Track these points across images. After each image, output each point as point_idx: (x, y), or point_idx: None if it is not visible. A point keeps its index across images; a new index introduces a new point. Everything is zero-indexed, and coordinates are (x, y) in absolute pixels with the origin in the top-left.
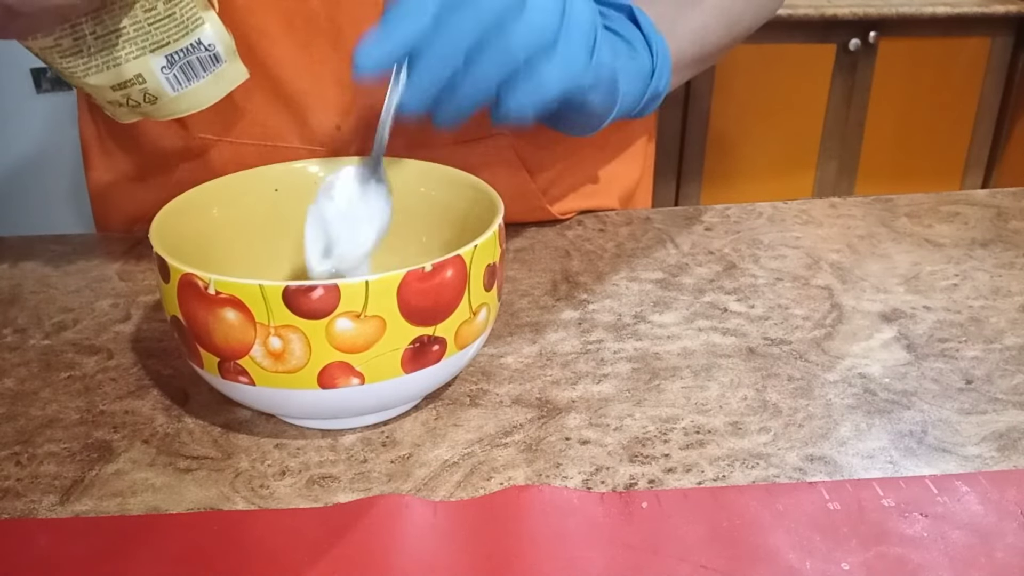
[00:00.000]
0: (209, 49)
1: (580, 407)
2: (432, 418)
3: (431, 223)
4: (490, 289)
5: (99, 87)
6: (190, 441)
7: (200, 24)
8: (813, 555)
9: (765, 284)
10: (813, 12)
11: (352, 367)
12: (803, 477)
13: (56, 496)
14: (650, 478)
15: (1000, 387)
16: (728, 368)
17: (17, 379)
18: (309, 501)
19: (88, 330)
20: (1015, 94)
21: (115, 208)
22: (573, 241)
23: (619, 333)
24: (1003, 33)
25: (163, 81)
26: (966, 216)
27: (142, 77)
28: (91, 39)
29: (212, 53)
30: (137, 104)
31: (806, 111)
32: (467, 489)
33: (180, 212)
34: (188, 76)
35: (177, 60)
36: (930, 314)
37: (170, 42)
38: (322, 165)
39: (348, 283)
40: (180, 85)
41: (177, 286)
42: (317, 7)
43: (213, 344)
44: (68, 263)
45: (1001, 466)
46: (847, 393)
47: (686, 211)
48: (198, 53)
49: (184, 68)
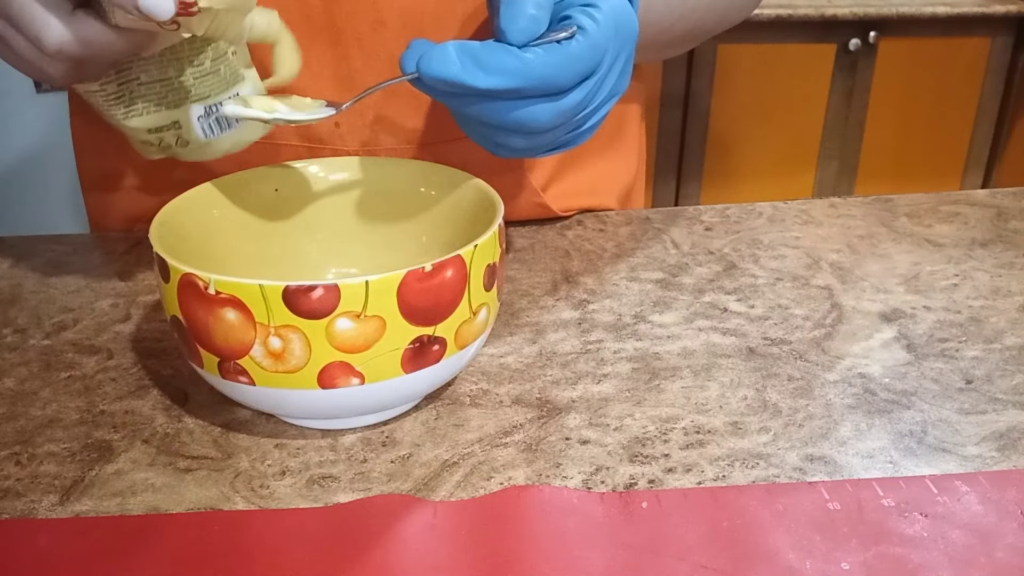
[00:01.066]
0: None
1: (580, 407)
2: (432, 418)
3: (431, 223)
4: (490, 289)
5: (137, 129)
6: (190, 441)
7: (240, 80)
8: (813, 555)
9: (765, 284)
10: (813, 12)
11: (352, 367)
12: (803, 477)
13: (56, 496)
14: (650, 478)
15: (1000, 387)
16: (728, 368)
17: (17, 379)
18: (309, 501)
19: (88, 330)
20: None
21: (112, 208)
22: (573, 241)
23: (619, 333)
24: (1003, 33)
25: (197, 128)
26: (966, 216)
27: (179, 124)
28: (135, 85)
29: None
30: (169, 147)
31: (806, 111)
32: (467, 489)
33: (180, 212)
34: (222, 126)
35: (214, 111)
36: (930, 314)
37: (211, 95)
38: (322, 165)
39: (348, 283)
40: (212, 133)
41: (177, 286)
42: (316, 6)
43: (213, 344)
44: (68, 263)
45: (1001, 466)
46: (847, 393)
47: (686, 211)
48: None
49: (219, 119)
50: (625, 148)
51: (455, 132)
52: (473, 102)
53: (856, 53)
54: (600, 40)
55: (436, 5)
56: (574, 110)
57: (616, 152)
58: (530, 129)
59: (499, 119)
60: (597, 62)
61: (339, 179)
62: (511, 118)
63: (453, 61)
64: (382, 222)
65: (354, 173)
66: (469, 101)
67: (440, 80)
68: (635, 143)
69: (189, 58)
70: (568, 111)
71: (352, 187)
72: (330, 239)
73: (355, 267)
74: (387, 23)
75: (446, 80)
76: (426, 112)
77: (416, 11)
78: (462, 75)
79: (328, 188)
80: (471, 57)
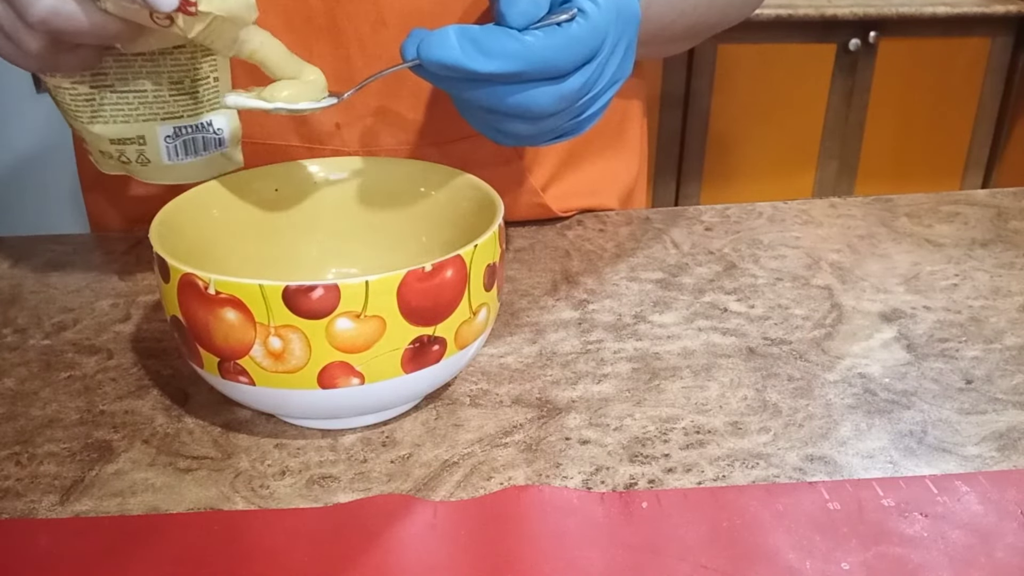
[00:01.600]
0: (217, 133)
1: (580, 407)
2: (432, 418)
3: (431, 223)
4: (490, 289)
5: (99, 136)
6: (190, 441)
7: (216, 108)
8: (813, 555)
9: (765, 284)
10: (813, 12)
11: (352, 367)
12: (803, 477)
13: (56, 496)
14: (650, 478)
15: (1000, 387)
16: (728, 368)
17: (17, 379)
18: (309, 501)
19: (88, 330)
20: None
21: (112, 208)
22: (573, 241)
23: (619, 333)
24: (1003, 33)
25: (163, 149)
26: (966, 216)
27: (144, 139)
28: (108, 91)
29: (218, 137)
30: (128, 162)
31: (806, 111)
32: (467, 489)
33: (180, 212)
34: (188, 151)
35: (183, 134)
36: (930, 314)
37: (184, 115)
38: (322, 165)
39: (348, 283)
40: (177, 157)
41: (177, 286)
42: (316, 6)
43: (213, 344)
44: (68, 263)
45: (1001, 466)
46: (847, 393)
47: (686, 211)
48: (205, 133)
49: (187, 143)
50: (626, 148)
51: (455, 132)
52: (474, 87)
53: (856, 53)
54: (601, 23)
55: (437, 5)
56: (576, 94)
57: (617, 152)
58: (532, 114)
59: (500, 103)
60: (598, 45)
61: (339, 179)
62: (512, 102)
63: (453, 45)
64: (382, 222)
65: (354, 173)
66: (470, 86)
67: (440, 64)
68: (636, 143)
69: (169, 74)
70: (570, 95)
71: (352, 187)
72: (330, 239)
73: (355, 267)
74: (388, 23)
75: (446, 64)
76: (426, 112)
77: (417, 11)
78: (462, 59)
79: (328, 188)
80: (471, 41)
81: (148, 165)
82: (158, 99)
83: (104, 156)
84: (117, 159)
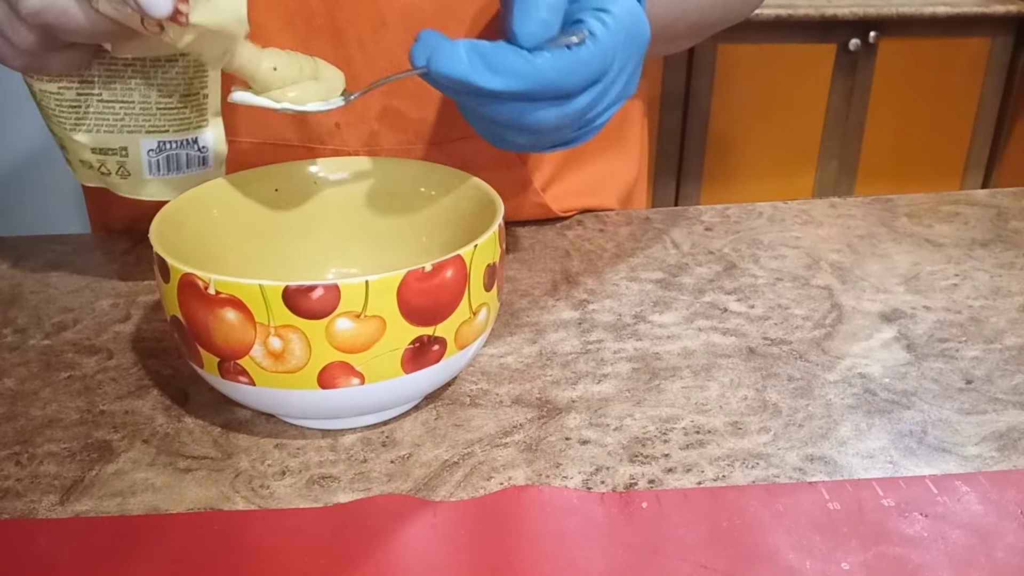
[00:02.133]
0: (202, 151)
1: (580, 407)
2: (432, 418)
3: (431, 223)
4: (490, 289)
5: (81, 144)
6: (190, 441)
7: (203, 126)
8: (813, 555)
9: (765, 284)
10: (813, 12)
11: (352, 367)
12: (803, 477)
13: (56, 496)
14: (650, 478)
15: (1000, 387)
16: (728, 368)
17: (17, 379)
18: (309, 501)
19: (88, 330)
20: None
21: (112, 208)
22: (573, 241)
23: (619, 333)
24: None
25: (144, 162)
26: (966, 216)
27: (126, 151)
28: (94, 100)
29: (203, 156)
30: (108, 173)
31: (806, 111)
32: (467, 489)
33: (180, 212)
34: (170, 167)
35: (167, 149)
36: (930, 314)
37: (169, 130)
38: (322, 165)
39: (348, 283)
40: (158, 171)
41: (177, 286)
42: (316, 6)
43: (213, 344)
44: (68, 263)
45: (1001, 466)
46: (847, 393)
47: (686, 211)
48: (189, 150)
49: (171, 158)
50: (627, 148)
51: (456, 132)
52: (480, 101)
53: (856, 53)
54: (610, 46)
55: (437, 5)
56: (580, 113)
57: (617, 152)
58: (535, 129)
59: (504, 118)
60: (606, 68)
61: (339, 179)
62: (516, 117)
63: (462, 59)
64: (382, 222)
65: (354, 173)
66: (476, 99)
67: (448, 78)
68: (637, 143)
69: (159, 87)
70: (574, 114)
71: (352, 187)
72: (330, 239)
73: (355, 267)
74: (388, 24)
75: (454, 79)
76: (427, 112)
77: (417, 11)
78: (471, 75)
79: (328, 188)
80: (480, 57)
81: (128, 178)
82: (145, 111)
83: (83, 166)
84: (97, 170)
